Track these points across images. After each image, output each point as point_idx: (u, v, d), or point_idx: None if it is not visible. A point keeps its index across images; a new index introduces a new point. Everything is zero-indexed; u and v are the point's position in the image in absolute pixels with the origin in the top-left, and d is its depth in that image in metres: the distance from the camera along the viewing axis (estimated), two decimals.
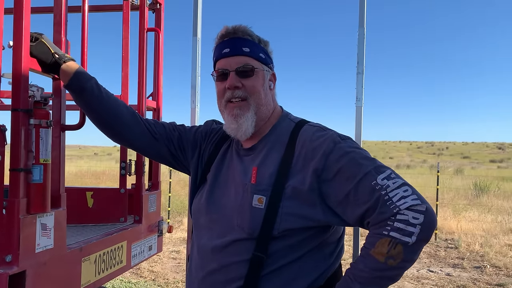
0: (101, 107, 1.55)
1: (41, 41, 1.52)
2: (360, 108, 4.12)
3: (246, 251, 1.29)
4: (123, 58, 2.38)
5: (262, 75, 1.41)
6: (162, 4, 2.64)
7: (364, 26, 4.03)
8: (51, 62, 1.52)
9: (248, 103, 1.37)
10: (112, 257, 2.01)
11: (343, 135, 1.36)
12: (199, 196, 1.50)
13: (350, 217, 1.25)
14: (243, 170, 1.39)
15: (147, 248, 2.42)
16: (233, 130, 1.39)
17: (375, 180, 1.21)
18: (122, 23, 2.36)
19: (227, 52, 1.38)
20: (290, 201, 1.28)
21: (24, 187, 1.42)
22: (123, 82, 2.39)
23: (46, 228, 1.51)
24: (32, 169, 1.44)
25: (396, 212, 1.16)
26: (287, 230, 1.27)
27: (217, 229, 1.37)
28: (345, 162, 1.25)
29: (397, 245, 1.14)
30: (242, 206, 1.32)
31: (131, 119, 1.58)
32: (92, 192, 2.36)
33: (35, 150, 1.46)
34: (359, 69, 4.11)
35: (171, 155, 1.63)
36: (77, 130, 1.74)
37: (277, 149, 1.36)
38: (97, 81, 1.56)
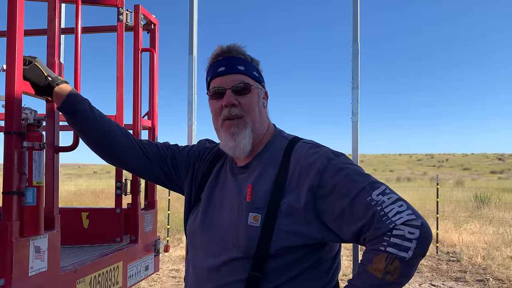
0: (94, 129, 1.56)
1: (35, 64, 1.53)
2: (356, 122, 4.14)
3: (242, 270, 1.28)
4: (118, 79, 2.39)
5: (257, 93, 1.42)
6: (157, 24, 2.67)
7: (358, 41, 4.08)
8: (44, 85, 1.54)
9: (244, 121, 1.38)
10: (107, 278, 1.99)
11: (336, 152, 1.36)
12: (194, 216, 1.49)
13: (346, 233, 1.25)
14: (238, 188, 1.39)
15: (144, 268, 2.40)
16: (231, 149, 1.39)
17: (370, 196, 1.21)
18: (117, 44, 2.38)
19: (223, 71, 1.39)
20: (286, 218, 1.27)
21: (17, 210, 1.42)
22: (118, 102, 2.41)
23: (39, 250, 1.50)
24: (25, 191, 1.44)
25: (392, 228, 1.16)
26: (283, 248, 1.27)
27: (213, 249, 1.37)
28: (339, 179, 1.25)
29: (394, 260, 1.14)
30: (237, 225, 1.32)
31: (124, 141, 1.59)
32: (88, 213, 2.34)
33: (28, 172, 1.46)
34: (354, 84, 4.15)
35: (165, 175, 1.63)
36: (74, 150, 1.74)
37: (272, 167, 1.36)
38: (90, 103, 1.57)
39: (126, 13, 2.40)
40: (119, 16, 2.38)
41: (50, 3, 1.72)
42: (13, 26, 1.44)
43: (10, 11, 1.45)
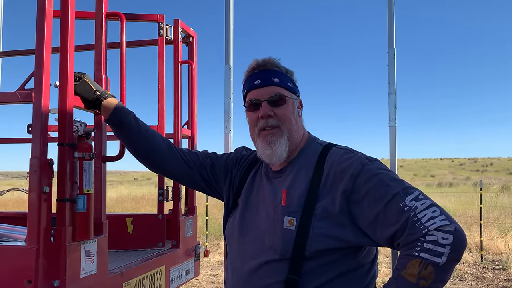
0: (139, 139, 1.66)
1: (84, 80, 1.65)
2: (393, 128, 4.11)
3: (280, 272, 1.34)
4: (159, 90, 2.50)
5: (292, 103, 1.48)
6: (195, 37, 2.77)
7: (393, 46, 4.06)
8: (93, 99, 1.65)
9: (280, 130, 1.44)
10: (151, 282, 2.08)
11: (370, 157, 1.39)
12: (232, 219, 1.56)
13: (380, 238, 1.28)
14: (273, 192, 1.44)
15: (185, 272, 2.49)
16: (268, 156, 1.45)
17: (404, 202, 1.23)
18: (158, 57, 2.49)
19: (258, 84, 1.46)
20: (320, 222, 1.32)
21: (69, 216, 1.52)
22: (160, 113, 2.52)
23: (89, 254, 1.60)
24: (77, 199, 1.55)
25: (425, 233, 1.18)
26: (318, 250, 1.31)
27: (250, 251, 1.43)
28: (373, 184, 1.29)
29: (428, 265, 1.16)
30: (273, 228, 1.37)
31: (167, 150, 1.68)
32: (132, 219, 2.46)
33: (79, 181, 1.56)
34: (391, 89, 4.12)
35: (205, 182, 1.71)
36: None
37: (306, 171, 1.41)
38: (135, 115, 1.67)
39: (166, 28, 2.52)
40: (160, 31, 2.50)
41: (97, 21, 1.84)
42: (65, 45, 1.56)
43: (62, 31, 1.57)
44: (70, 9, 1.57)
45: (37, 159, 1.45)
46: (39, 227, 1.44)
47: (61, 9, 1.58)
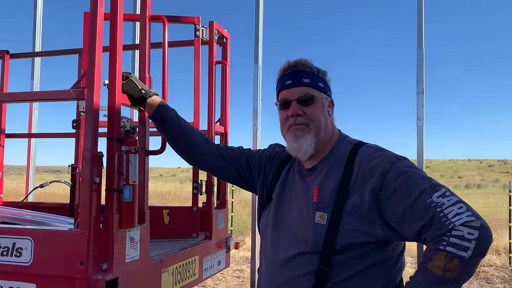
0: (180, 135, 1.78)
1: (131, 79, 1.77)
2: (421, 127, 4.14)
3: (311, 263, 1.42)
4: (195, 89, 2.62)
5: (321, 102, 1.55)
6: (228, 38, 2.88)
7: (422, 46, 4.09)
8: (138, 97, 1.77)
9: (309, 128, 1.51)
10: (186, 270, 2.21)
11: (399, 156, 1.46)
12: (266, 213, 1.66)
13: (408, 232, 1.34)
14: (305, 189, 1.53)
15: (217, 262, 2.61)
16: (294, 150, 1.54)
17: (431, 198, 1.29)
18: (194, 57, 2.61)
19: (289, 84, 1.54)
20: (350, 217, 1.39)
21: (117, 205, 1.65)
22: (195, 110, 2.64)
23: (133, 241, 1.73)
24: (123, 189, 1.67)
25: (452, 228, 1.24)
26: (348, 244, 1.39)
27: (283, 243, 1.52)
28: (401, 181, 1.35)
29: (453, 259, 1.22)
30: (305, 222, 1.45)
31: (205, 146, 1.79)
32: (168, 210, 2.60)
33: (125, 172, 1.69)
34: (419, 88, 4.16)
35: (240, 177, 1.81)
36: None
37: (337, 169, 1.49)
38: (176, 112, 1.79)
39: (202, 29, 2.64)
40: (196, 32, 2.61)
41: (141, 24, 1.96)
42: (114, 47, 1.69)
43: (112, 34, 1.69)
44: (119, 13, 1.69)
45: (89, 152, 1.58)
46: (90, 214, 1.57)
47: (111, 13, 1.71)
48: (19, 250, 1.61)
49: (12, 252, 1.62)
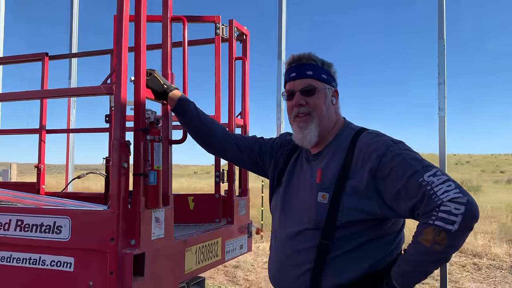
0: (199, 126, 1.96)
1: (154, 75, 1.97)
2: (443, 118, 4.18)
3: (314, 238, 1.57)
4: (216, 84, 2.80)
5: (324, 93, 1.68)
6: (248, 35, 3.04)
7: (443, 38, 4.12)
8: (161, 91, 1.97)
9: (311, 117, 1.66)
10: (209, 250, 2.39)
11: (395, 140, 1.58)
12: (276, 195, 1.82)
13: (402, 209, 1.47)
14: (310, 172, 1.68)
15: (239, 246, 2.78)
16: (300, 140, 1.69)
17: (422, 177, 1.42)
18: (214, 54, 2.79)
19: (293, 76, 1.69)
20: (350, 197, 1.53)
21: (143, 188, 1.84)
22: (216, 104, 2.82)
23: (159, 220, 1.92)
24: (149, 174, 1.87)
25: (440, 204, 1.35)
26: (348, 221, 1.53)
27: (290, 221, 1.67)
28: (396, 163, 1.48)
29: (441, 232, 1.33)
30: (309, 202, 1.61)
31: (222, 135, 1.97)
32: (193, 197, 2.81)
33: (150, 159, 1.88)
34: (441, 79, 4.20)
35: (253, 163, 1.98)
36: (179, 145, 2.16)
37: (339, 154, 1.63)
38: (195, 105, 1.97)
39: (222, 27, 2.81)
40: (216, 31, 2.79)
41: (163, 24, 2.15)
42: (139, 46, 1.88)
43: (136, 34, 1.88)
44: (143, 16, 1.88)
45: (118, 141, 1.78)
46: (119, 196, 1.77)
47: (135, 16, 1.90)
48: (59, 227, 1.83)
49: (53, 230, 1.84)
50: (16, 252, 1.93)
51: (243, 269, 7.15)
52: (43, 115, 3.51)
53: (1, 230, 1.94)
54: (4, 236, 1.93)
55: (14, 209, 2.00)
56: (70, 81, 5.53)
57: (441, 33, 4.14)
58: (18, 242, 1.92)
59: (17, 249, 1.93)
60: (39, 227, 1.87)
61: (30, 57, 3.63)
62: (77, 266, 1.82)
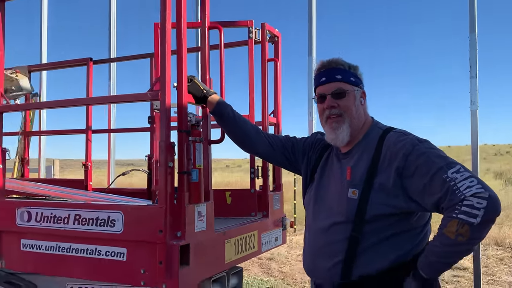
0: (235, 127, 2.12)
1: (194, 81, 2.13)
2: (475, 111, 4.19)
3: (345, 231, 1.70)
4: (249, 85, 2.96)
5: (353, 95, 1.80)
6: (279, 37, 3.17)
7: (475, 31, 4.12)
8: (201, 96, 2.13)
9: (343, 118, 1.78)
10: (246, 242, 2.56)
11: (421, 138, 1.68)
12: (309, 191, 1.95)
13: (427, 204, 1.58)
14: (341, 170, 1.80)
15: (274, 239, 2.94)
16: (333, 140, 1.81)
17: (446, 174, 1.51)
18: (248, 57, 2.94)
19: (324, 81, 1.81)
20: (377, 193, 1.65)
21: (187, 185, 2.01)
22: (250, 104, 2.98)
23: (201, 214, 2.09)
24: (192, 171, 2.04)
25: (463, 199, 1.45)
26: (376, 215, 1.65)
27: (322, 215, 1.81)
28: (422, 161, 1.58)
29: (464, 225, 1.43)
30: (340, 197, 1.73)
31: (255, 135, 2.12)
32: (230, 192, 2.99)
33: (192, 158, 2.05)
34: (472, 73, 4.20)
35: (286, 160, 2.12)
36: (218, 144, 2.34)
37: (368, 152, 1.74)
38: (232, 107, 2.13)
39: (255, 31, 2.95)
40: (250, 34, 2.93)
41: (202, 32, 2.31)
42: (180, 54, 2.04)
43: (178, 43, 2.04)
44: (183, 27, 2.04)
45: (164, 142, 1.95)
46: (166, 192, 1.94)
47: (177, 27, 2.05)
48: (113, 221, 2.03)
49: (108, 223, 2.05)
50: (75, 243, 2.15)
51: (277, 261, 7.32)
52: (89, 117, 3.76)
53: (61, 223, 2.17)
54: (64, 229, 2.16)
55: (72, 205, 2.22)
56: (110, 82, 5.83)
57: (472, 26, 4.13)
58: (76, 235, 2.13)
59: (75, 241, 2.15)
60: (95, 221, 2.08)
61: (76, 62, 3.89)
62: (130, 256, 2.02)
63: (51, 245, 2.21)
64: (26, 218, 2.26)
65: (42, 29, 6.39)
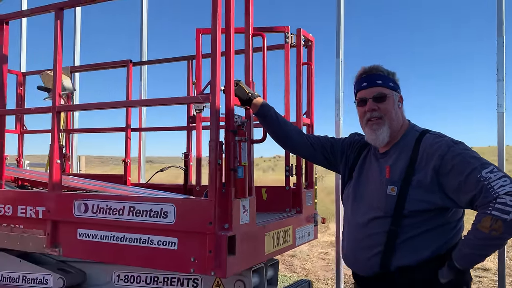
0: (277, 128, 2.28)
1: (240, 85, 2.30)
2: (502, 114, 4.28)
3: (383, 225, 1.84)
4: (285, 87, 3.11)
5: (392, 99, 1.95)
6: (313, 41, 3.31)
7: (503, 35, 4.20)
8: (246, 99, 2.30)
9: (383, 120, 1.92)
10: (283, 236, 2.72)
11: (455, 140, 1.82)
12: (348, 188, 2.10)
13: (462, 201, 1.71)
14: (379, 169, 1.95)
15: (307, 234, 3.09)
16: (373, 140, 1.96)
17: (480, 173, 1.65)
18: (284, 61, 3.10)
19: (365, 85, 1.96)
20: (415, 190, 1.79)
21: (233, 180, 2.18)
22: (286, 105, 3.14)
23: (245, 208, 2.26)
24: (237, 168, 2.21)
25: (497, 197, 1.58)
26: (413, 211, 1.79)
27: (362, 210, 1.95)
28: (457, 161, 1.72)
29: (498, 220, 1.56)
30: (380, 194, 1.88)
31: (297, 135, 2.28)
32: (266, 189, 3.16)
33: (238, 156, 2.22)
34: (499, 76, 4.28)
35: (326, 160, 2.28)
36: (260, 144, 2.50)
37: (406, 153, 1.88)
38: (275, 109, 2.29)
39: (290, 36, 3.11)
40: (286, 39, 3.09)
41: (246, 40, 2.47)
42: (229, 61, 2.20)
43: (227, 50, 2.21)
44: (232, 35, 2.20)
45: (214, 142, 2.12)
46: (215, 187, 2.12)
47: (225, 33, 2.20)
48: (166, 213, 2.22)
49: (161, 215, 2.23)
50: (128, 233, 2.34)
51: (300, 258, 7.47)
52: (128, 116, 3.98)
53: (116, 214, 2.36)
54: (119, 220, 2.35)
55: (127, 198, 2.41)
56: (141, 82, 6.06)
57: (500, 30, 4.20)
58: (130, 225, 2.32)
59: (129, 231, 2.34)
60: (148, 213, 2.26)
61: (117, 64, 4.11)
62: (180, 245, 2.20)
63: (106, 235, 2.40)
64: (83, 209, 2.46)
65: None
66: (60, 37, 2.59)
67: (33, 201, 2.65)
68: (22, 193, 2.91)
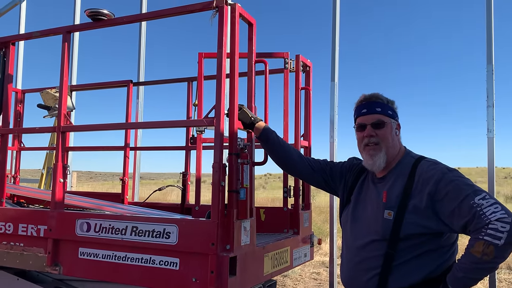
0: (278, 151, 2.35)
1: (243, 110, 2.38)
2: (491, 139, 4.40)
3: (380, 248, 1.90)
4: (284, 110, 3.20)
5: (390, 126, 2.03)
6: (311, 66, 3.42)
7: (492, 62, 4.34)
8: (249, 122, 2.38)
9: (380, 146, 2.00)
10: (281, 257, 2.77)
11: (450, 168, 1.90)
12: (346, 211, 2.17)
13: (456, 226, 1.78)
14: (377, 193, 2.02)
15: (303, 254, 3.14)
16: (370, 165, 2.03)
17: (473, 200, 1.72)
18: (283, 85, 3.20)
19: (365, 112, 2.04)
20: (411, 214, 1.86)
21: (235, 202, 2.24)
22: (284, 127, 3.22)
23: (246, 229, 2.31)
24: (240, 190, 2.27)
25: (488, 223, 1.65)
26: (409, 234, 1.85)
27: (360, 234, 2.01)
28: (451, 188, 1.79)
29: (490, 246, 1.62)
30: (377, 218, 1.94)
31: (298, 158, 2.35)
32: (264, 209, 3.21)
33: (241, 178, 2.29)
34: (489, 102, 4.42)
35: (325, 182, 2.34)
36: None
37: (402, 178, 1.96)
38: (276, 133, 2.37)
39: (290, 62, 3.21)
40: (285, 65, 3.20)
41: (248, 66, 2.56)
42: (233, 86, 2.29)
43: (231, 78, 2.30)
44: (236, 62, 2.29)
45: (217, 164, 2.19)
46: (218, 208, 2.17)
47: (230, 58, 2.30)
48: (168, 233, 2.26)
49: (163, 235, 2.27)
50: (130, 253, 2.38)
51: (292, 278, 7.46)
52: (127, 136, 4.03)
53: (119, 234, 2.40)
54: (121, 240, 2.39)
55: (130, 218, 2.45)
56: (138, 100, 6.13)
57: (490, 57, 4.35)
58: (133, 245, 2.36)
59: (131, 250, 2.37)
60: (151, 233, 2.31)
61: (117, 84, 4.17)
62: (182, 265, 2.24)
63: (108, 254, 2.44)
64: (85, 228, 2.50)
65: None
66: (67, 59, 2.66)
67: (34, 220, 2.68)
68: (24, 211, 2.94)
